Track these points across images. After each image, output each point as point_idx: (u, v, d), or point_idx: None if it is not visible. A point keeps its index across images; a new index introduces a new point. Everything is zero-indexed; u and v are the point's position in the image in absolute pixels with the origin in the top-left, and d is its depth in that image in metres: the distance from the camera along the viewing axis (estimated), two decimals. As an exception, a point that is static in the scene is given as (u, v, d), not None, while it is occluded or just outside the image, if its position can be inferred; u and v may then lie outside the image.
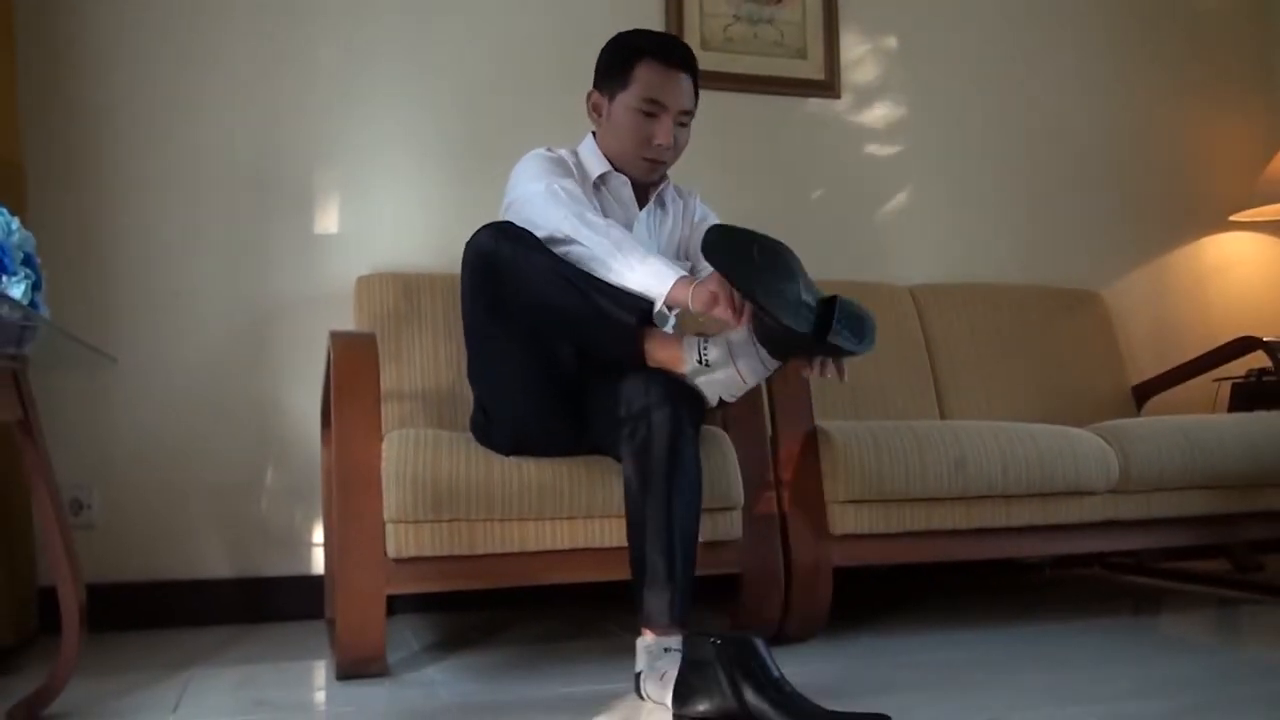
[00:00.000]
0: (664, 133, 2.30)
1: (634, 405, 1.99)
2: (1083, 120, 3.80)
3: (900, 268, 3.49)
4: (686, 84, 2.32)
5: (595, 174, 2.37)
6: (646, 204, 2.43)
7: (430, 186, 3.10)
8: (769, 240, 1.94)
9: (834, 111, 3.51)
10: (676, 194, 2.52)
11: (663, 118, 2.30)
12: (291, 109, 3.01)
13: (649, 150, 2.33)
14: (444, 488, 2.15)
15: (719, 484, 2.28)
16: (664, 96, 2.29)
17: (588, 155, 2.40)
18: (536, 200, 2.21)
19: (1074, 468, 2.57)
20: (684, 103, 2.32)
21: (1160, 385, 3.47)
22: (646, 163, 2.35)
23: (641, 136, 2.31)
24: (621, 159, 2.36)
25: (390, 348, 2.77)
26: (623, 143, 2.34)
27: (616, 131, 2.34)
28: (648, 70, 2.29)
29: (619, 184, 2.39)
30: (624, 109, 2.32)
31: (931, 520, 2.48)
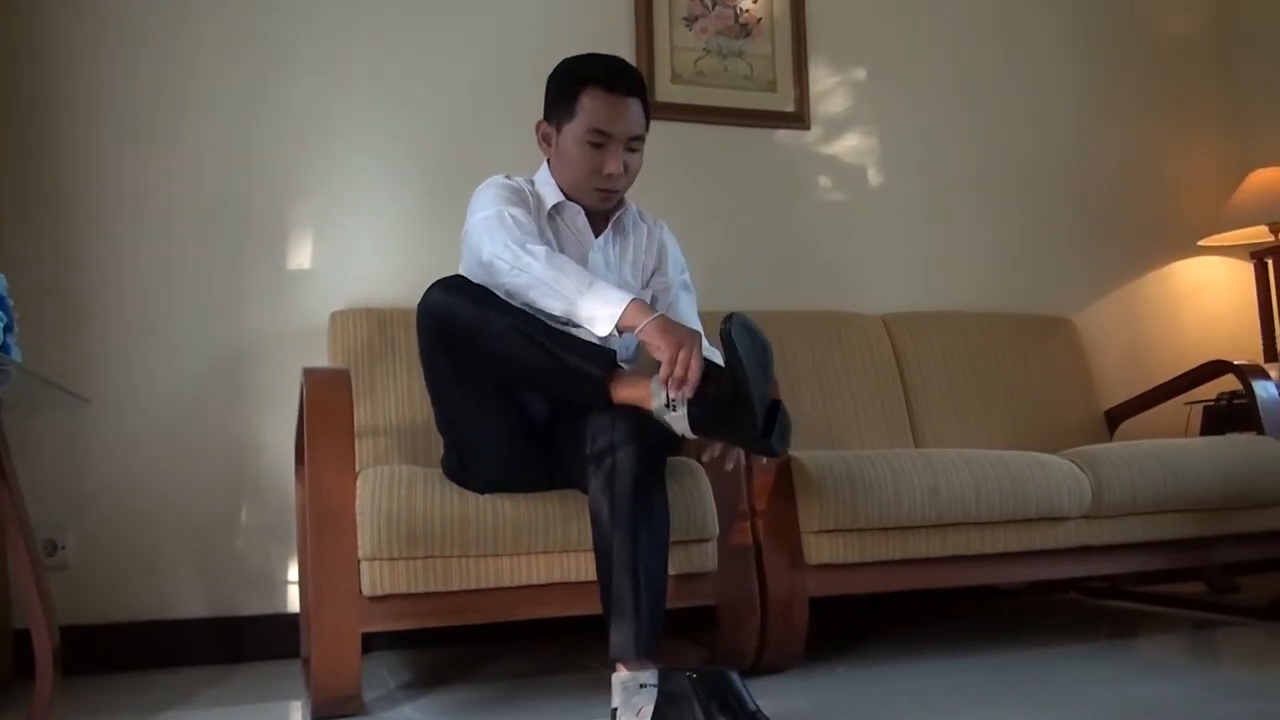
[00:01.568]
0: (613, 162, 2.27)
1: (599, 441, 1.99)
2: (1053, 148, 3.85)
3: (873, 296, 3.51)
4: (634, 109, 2.29)
5: (549, 204, 2.35)
6: (603, 231, 2.40)
7: (404, 221, 3.11)
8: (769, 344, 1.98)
9: (804, 142, 3.54)
10: (639, 218, 2.50)
11: (611, 146, 2.27)
12: (264, 144, 3.02)
13: (600, 180, 2.30)
14: (418, 524, 2.15)
15: (693, 515, 2.28)
16: (611, 125, 2.26)
17: (543, 184, 2.38)
18: (483, 225, 2.20)
19: (1047, 494, 2.59)
20: (632, 129, 2.29)
21: (1132, 409, 3.49)
22: (599, 192, 2.32)
23: (591, 167, 2.29)
24: (574, 188, 2.34)
25: (364, 383, 2.76)
26: (573, 173, 2.31)
27: (566, 162, 2.32)
28: (593, 99, 2.26)
29: (572, 213, 2.37)
30: (572, 140, 2.29)
31: (906, 549, 2.49)
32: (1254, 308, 3.81)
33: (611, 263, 2.41)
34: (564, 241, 2.35)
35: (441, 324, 2.08)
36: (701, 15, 3.44)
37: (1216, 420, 3.46)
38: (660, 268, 2.49)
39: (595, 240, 2.38)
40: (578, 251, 2.35)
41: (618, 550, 1.94)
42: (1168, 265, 3.95)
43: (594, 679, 2.40)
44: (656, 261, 2.49)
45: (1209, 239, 3.86)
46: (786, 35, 3.52)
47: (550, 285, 2.05)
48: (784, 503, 2.44)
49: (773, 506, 2.45)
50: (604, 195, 2.33)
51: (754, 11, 3.50)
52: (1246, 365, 3.14)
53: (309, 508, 2.17)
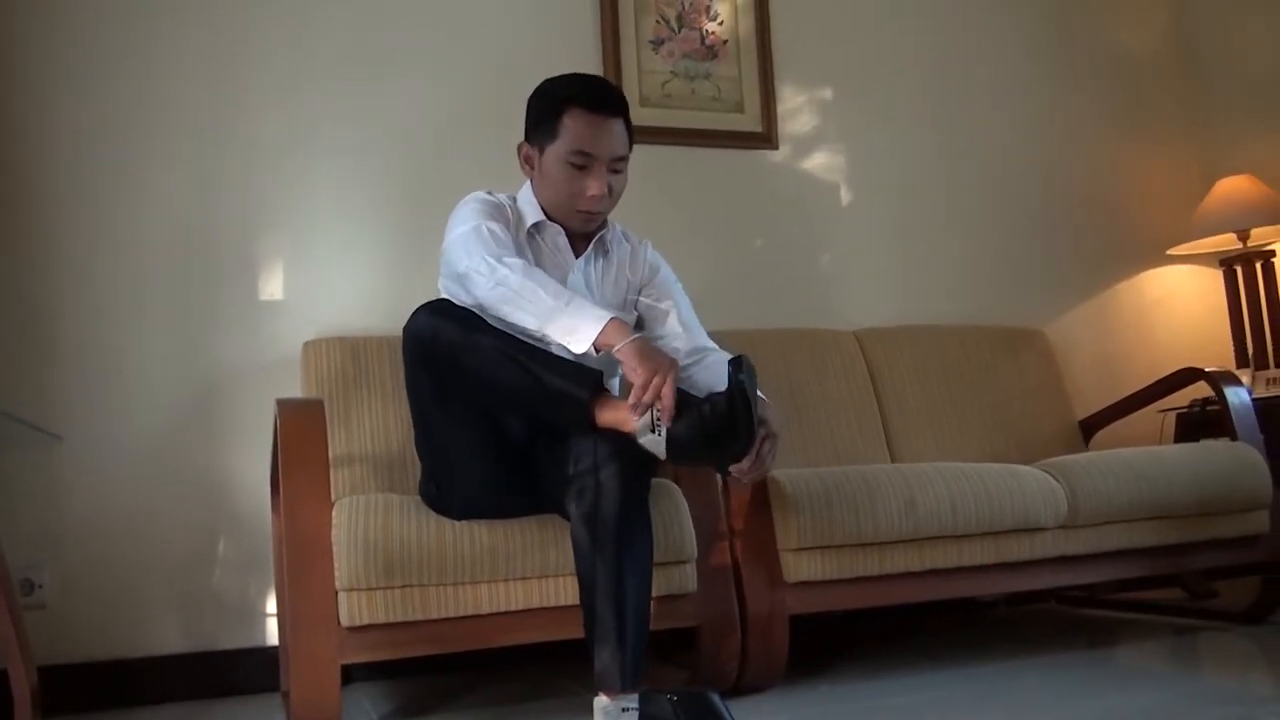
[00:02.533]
0: (597, 184, 2.25)
1: (582, 464, 1.99)
2: (1020, 161, 3.88)
3: (844, 312, 3.53)
4: (618, 129, 2.27)
5: (530, 221, 2.33)
6: (584, 252, 2.39)
7: (375, 249, 3.11)
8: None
9: (772, 162, 3.57)
10: (623, 238, 2.49)
11: (594, 168, 2.25)
12: (234, 175, 3.02)
13: (583, 202, 2.28)
14: (395, 553, 2.14)
15: (672, 537, 2.29)
16: (594, 147, 2.24)
17: (525, 202, 2.37)
18: (460, 239, 2.19)
19: (1023, 505, 2.60)
20: (616, 149, 2.27)
21: (1106, 419, 3.51)
22: (582, 214, 2.30)
23: (574, 188, 2.27)
24: (556, 210, 2.33)
25: (339, 412, 2.76)
26: (556, 194, 2.29)
27: (549, 183, 2.30)
28: (575, 120, 2.24)
29: (553, 233, 2.35)
30: (554, 161, 2.27)
31: (884, 564, 2.50)
32: (1224, 315, 3.85)
33: (593, 283, 2.39)
34: (544, 261, 2.34)
35: (426, 347, 2.07)
36: (668, 38, 3.46)
37: (1190, 427, 3.49)
38: (651, 282, 2.47)
39: (576, 261, 2.37)
40: (558, 272, 2.34)
41: (601, 577, 1.94)
42: (1137, 275, 3.98)
43: (577, 703, 2.40)
44: (642, 280, 2.48)
45: (1178, 248, 3.89)
46: (753, 56, 3.54)
47: (526, 298, 2.04)
48: (761, 521, 2.45)
49: (750, 525, 2.45)
50: (587, 217, 2.32)
51: (720, 33, 3.52)
52: (1218, 372, 3.17)
53: (285, 539, 2.16)
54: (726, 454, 1.95)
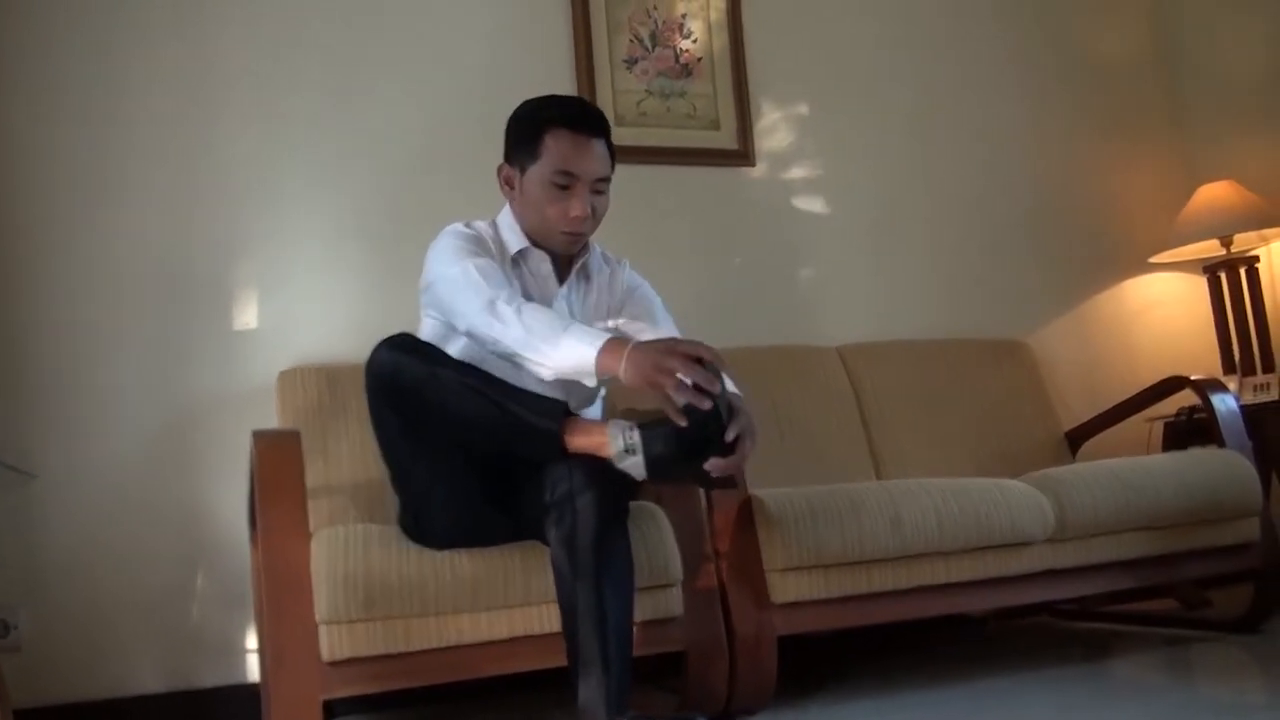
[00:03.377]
0: (580, 205, 2.25)
1: (558, 490, 1.98)
2: (1001, 171, 3.90)
3: (826, 329, 3.53)
4: (600, 149, 2.28)
5: (513, 250, 2.33)
6: (568, 278, 2.39)
7: (352, 275, 3.10)
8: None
9: (750, 179, 3.58)
10: (603, 261, 2.50)
11: (577, 188, 2.25)
12: (205, 202, 3.00)
13: (566, 223, 2.27)
14: (376, 585, 2.13)
15: (656, 560, 2.28)
16: (576, 167, 2.25)
17: (505, 229, 2.36)
18: (453, 287, 2.19)
19: (1009, 519, 2.60)
20: (598, 170, 2.27)
21: (1093, 429, 3.52)
22: (565, 236, 2.30)
23: (557, 210, 2.26)
24: (539, 233, 2.32)
25: (316, 442, 2.75)
26: (538, 216, 2.29)
27: (531, 206, 2.29)
28: (557, 140, 2.24)
29: (538, 260, 2.35)
30: (536, 182, 2.27)
31: (872, 582, 2.50)
32: (1208, 322, 3.87)
33: (577, 310, 2.40)
34: (528, 290, 2.34)
35: (388, 383, 2.07)
36: (642, 57, 3.47)
37: (1178, 436, 3.50)
38: (629, 300, 2.48)
39: (560, 289, 2.37)
40: (541, 299, 2.34)
41: (582, 603, 1.94)
42: (1120, 283, 4.00)
43: (563, 732, 2.39)
44: (620, 301, 2.48)
45: (1160, 255, 3.90)
46: (728, 73, 3.56)
47: (527, 348, 2.05)
48: (747, 542, 2.45)
49: (735, 546, 2.45)
50: (570, 239, 2.31)
51: (694, 51, 3.54)
52: (1204, 379, 3.17)
53: (264, 572, 2.15)
54: (705, 461, 1.93)
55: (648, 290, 2.52)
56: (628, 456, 1.96)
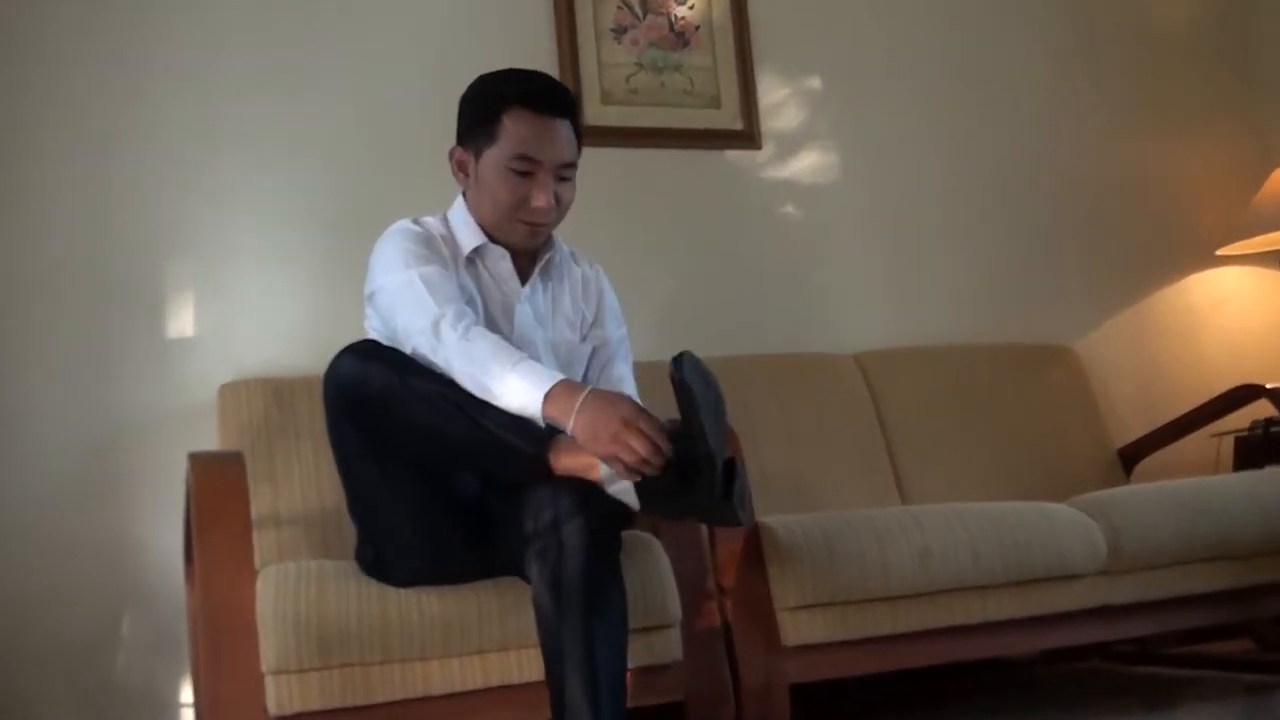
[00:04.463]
0: (542, 194, 2.27)
1: (541, 519, 1.99)
2: (1041, 155, 3.91)
3: (842, 334, 3.55)
4: (565, 131, 2.30)
5: (468, 248, 2.34)
6: (531, 276, 2.40)
7: (301, 277, 3.11)
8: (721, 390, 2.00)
9: (755, 163, 3.60)
10: (573, 260, 2.51)
11: (539, 175, 2.27)
12: (131, 194, 3.00)
13: (526, 213, 2.29)
14: (332, 628, 2.14)
15: (651, 598, 2.29)
16: (539, 151, 2.26)
17: (459, 223, 2.38)
18: (396, 299, 2.20)
19: (1055, 549, 2.63)
20: (563, 154, 2.29)
21: (1151, 446, 3.54)
22: (525, 227, 2.31)
23: (516, 199, 2.28)
24: (496, 225, 2.33)
25: (263, 466, 2.76)
26: (495, 206, 2.30)
27: (487, 194, 2.31)
28: (517, 121, 2.26)
29: (496, 258, 2.36)
30: (493, 168, 2.28)
31: (897, 622, 2.52)
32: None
33: (543, 315, 2.40)
34: (485, 292, 2.35)
35: (351, 395, 2.08)
36: (632, 26, 3.49)
37: (1252, 452, 3.48)
38: (599, 319, 2.50)
39: (521, 290, 2.38)
40: (501, 303, 2.35)
41: (568, 648, 1.94)
42: (1182, 279, 4.00)
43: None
44: (596, 310, 2.50)
45: (1229, 247, 3.89)
46: (729, 43, 3.57)
47: (473, 384, 2.05)
48: (754, 577, 2.46)
49: (742, 582, 2.47)
50: (531, 230, 2.33)
51: (691, 18, 3.55)
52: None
53: (201, 615, 2.16)
54: (700, 487, 1.93)
55: (617, 314, 2.54)
56: (617, 480, 1.97)
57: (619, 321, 2.54)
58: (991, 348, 3.60)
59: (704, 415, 1.90)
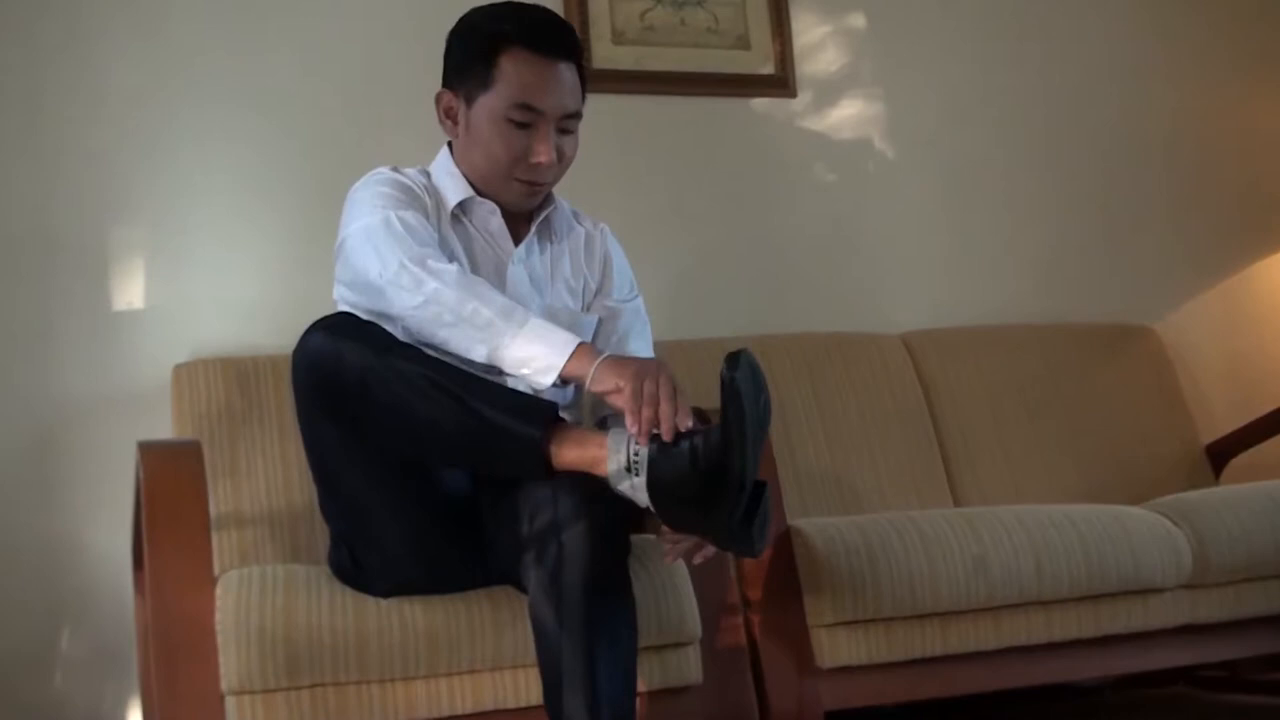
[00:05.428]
0: (543, 148, 2.26)
1: (539, 519, 1.99)
2: (1119, 108, 3.91)
3: (888, 310, 3.56)
4: (569, 77, 2.29)
5: (453, 201, 2.34)
6: (525, 237, 2.39)
7: (267, 243, 3.12)
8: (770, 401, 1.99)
9: (789, 113, 3.60)
10: (575, 220, 2.51)
11: (540, 127, 2.26)
12: (73, 149, 3.01)
13: (524, 169, 2.29)
14: (301, 643, 2.14)
15: (666, 612, 2.29)
16: (540, 99, 2.25)
17: (443, 175, 2.38)
18: (365, 237, 2.19)
19: (1131, 559, 2.63)
20: (567, 103, 2.29)
21: (1243, 442, 3.54)
22: (522, 185, 2.32)
23: (513, 153, 2.27)
24: (487, 181, 2.33)
25: (223, 458, 2.77)
26: (489, 160, 2.30)
27: (479, 147, 2.31)
28: (516, 63, 2.25)
29: (485, 213, 2.36)
30: (488, 117, 2.28)
31: (949, 641, 2.52)
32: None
33: (539, 278, 2.40)
34: (474, 252, 2.35)
35: (325, 378, 2.07)
36: (648, -47, 3.49)
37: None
38: (603, 288, 2.50)
39: (515, 249, 2.38)
40: (492, 264, 2.35)
41: (569, 667, 1.94)
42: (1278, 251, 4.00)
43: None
44: (602, 276, 2.50)
45: (1335, 215, 3.90)
46: (760, -26, 3.57)
47: (467, 320, 2.05)
48: (785, 589, 2.47)
49: (771, 595, 2.47)
50: (528, 189, 2.33)
51: (715, -55, 3.55)
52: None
53: (152, 627, 2.16)
54: (720, 504, 1.91)
55: (629, 277, 2.54)
56: (628, 477, 1.96)
57: (631, 286, 2.53)
58: (1059, 328, 3.60)
59: (748, 428, 1.88)
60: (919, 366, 3.41)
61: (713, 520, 1.94)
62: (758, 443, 1.92)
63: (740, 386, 1.87)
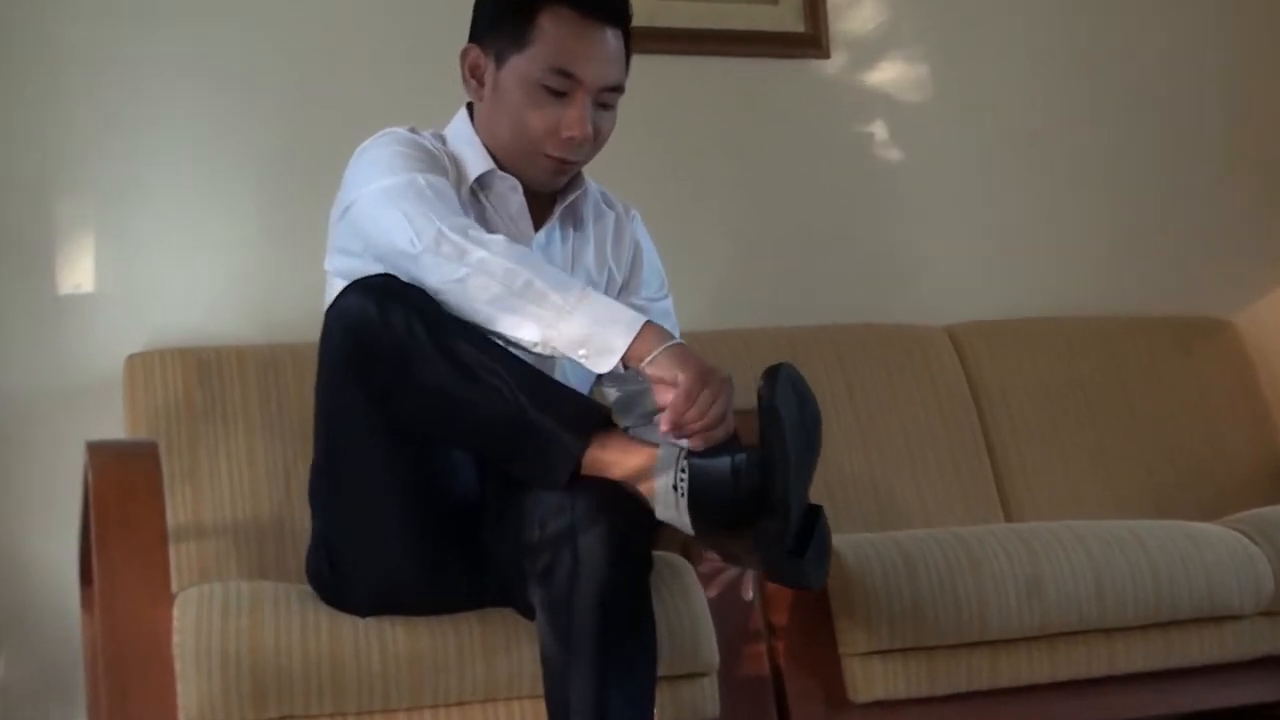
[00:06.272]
0: (578, 120, 2.24)
1: (550, 526, 1.96)
2: (1194, 72, 3.91)
3: (931, 299, 3.57)
4: (615, 45, 2.29)
5: (473, 174, 2.33)
6: (548, 220, 2.39)
7: (231, 219, 3.11)
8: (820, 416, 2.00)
9: (822, 77, 3.60)
10: (605, 204, 2.51)
11: (577, 97, 2.24)
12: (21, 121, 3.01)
13: (554, 144, 2.27)
14: (270, 669, 2.13)
15: (681, 639, 2.28)
16: (580, 66, 2.24)
17: (461, 143, 2.37)
18: (386, 200, 2.17)
19: (1205, 581, 2.63)
20: (610, 75, 2.28)
21: (1332, 450, 3.54)
22: (550, 161, 2.30)
23: (544, 123, 2.26)
24: (512, 152, 2.32)
25: (183, 460, 2.77)
26: (517, 131, 2.28)
27: (507, 113, 2.29)
28: (557, 22, 2.23)
29: (506, 189, 2.35)
30: (519, 80, 2.26)
31: (998, 673, 2.52)
32: None
33: (560, 267, 2.37)
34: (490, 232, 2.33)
35: (363, 342, 2.03)
36: (663, -106, 3.48)
37: None
38: (630, 283, 2.49)
39: (536, 234, 2.37)
40: None
41: (578, 698, 1.93)
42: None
43: None
44: (628, 269, 2.50)
45: None
46: (790, -79, 3.57)
47: (519, 294, 2.02)
48: (814, 613, 2.47)
49: (797, 619, 2.47)
50: (557, 166, 2.32)
51: (740, -114, 3.54)
52: None
53: (101, 651, 2.16)
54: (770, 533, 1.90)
55: (659, 274, 2.54)
56: (675, 495, 1.92)
57: (661, 283, 2.54)
58: (1124, 320, 3.61)
59: (791, 448, 1.87)
60: (966, 363, 3.41)
61: (760, 551, 1.94)
62: (806, 465, 1.92)
63: (781, 406, 1.86)
